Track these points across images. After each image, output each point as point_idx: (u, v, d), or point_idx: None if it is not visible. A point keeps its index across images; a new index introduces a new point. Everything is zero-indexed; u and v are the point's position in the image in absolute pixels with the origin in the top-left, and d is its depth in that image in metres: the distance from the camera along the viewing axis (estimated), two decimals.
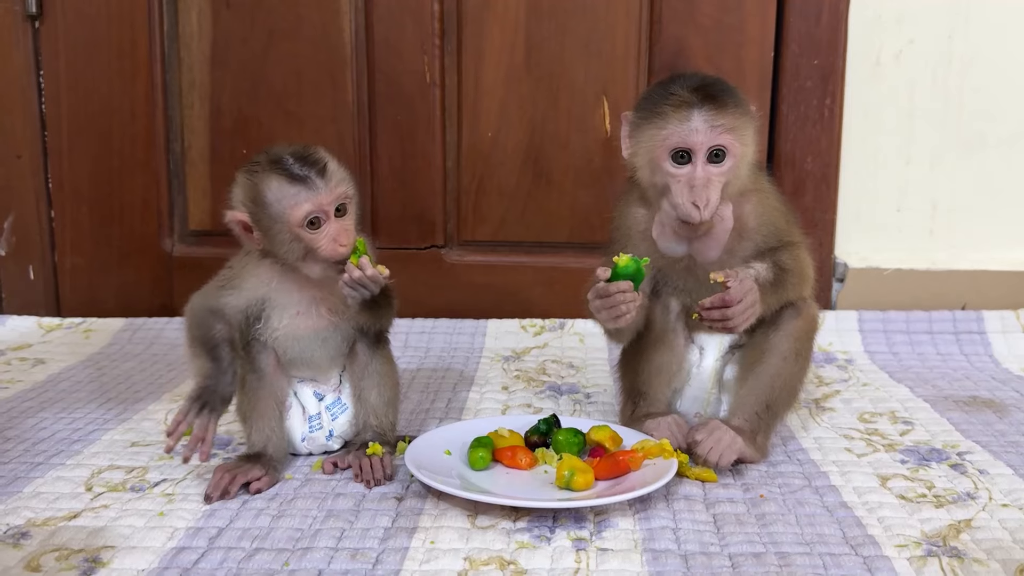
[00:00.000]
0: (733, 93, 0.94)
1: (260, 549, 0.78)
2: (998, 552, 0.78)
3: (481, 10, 1.50)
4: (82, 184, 1.59)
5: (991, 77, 1.52)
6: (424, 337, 1.50)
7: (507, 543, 0.79)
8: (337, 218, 0.91)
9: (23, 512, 0.85)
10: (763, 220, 0.98)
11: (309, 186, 0.89)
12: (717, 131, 0.90)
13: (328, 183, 0.90)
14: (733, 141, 0.91)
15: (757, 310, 0.93)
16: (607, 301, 0.91)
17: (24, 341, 1.50)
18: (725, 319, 0.91)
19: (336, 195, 0.90)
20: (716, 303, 0.91)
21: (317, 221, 0.90)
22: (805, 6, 1.47)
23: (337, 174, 0.91)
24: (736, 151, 0.92)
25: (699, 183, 0.91)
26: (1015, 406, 1.19)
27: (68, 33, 1.55)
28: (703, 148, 0.91)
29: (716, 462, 0.93)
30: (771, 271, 0.95)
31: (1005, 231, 1.56)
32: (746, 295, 0.91)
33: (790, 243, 0.99)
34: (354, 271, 0.89)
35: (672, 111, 0.91)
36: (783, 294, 0.96)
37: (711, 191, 0.91)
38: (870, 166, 1.55)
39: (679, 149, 0.91)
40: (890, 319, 1.50)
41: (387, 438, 0.98)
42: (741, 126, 0.92)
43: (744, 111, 0.93)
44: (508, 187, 1.56)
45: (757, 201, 0.98)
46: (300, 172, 0.89)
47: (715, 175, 0.91)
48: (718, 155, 0.91)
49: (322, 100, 1.54)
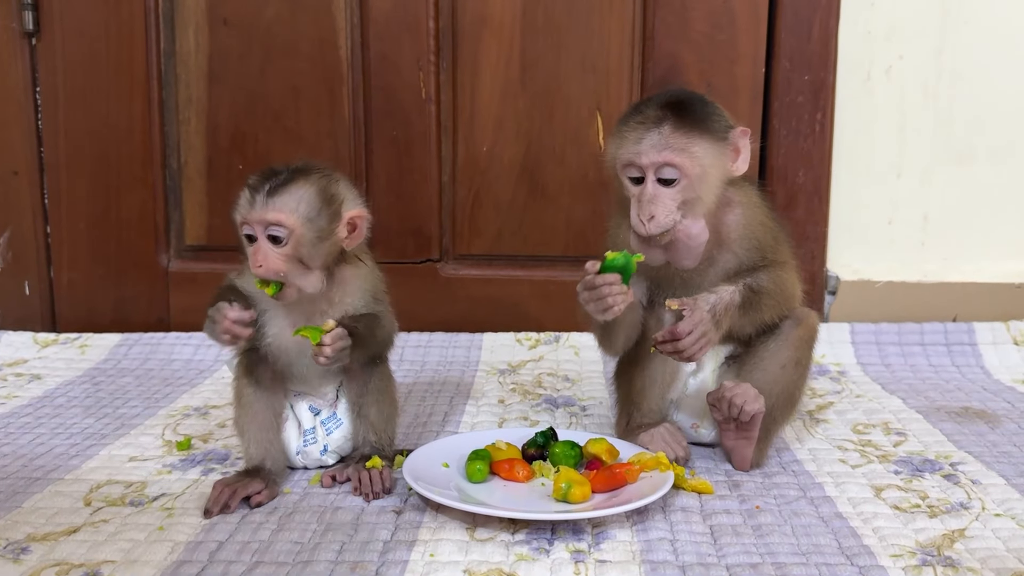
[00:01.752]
0: (698, 113, 0.93)
1: (260, 563, 0.79)
2: (992, 561, 0.79)
3: (477, 26, 1.52)
4: (79, 200, 1.60)
5: (980, 91, 1.54)
6: (420, 351, 1.51)
7: (506, 555, 0.80)
8: (272, 243, 0.89)
9: (22, 527, 0.85)
10: (746, 233, 0.98)
11: (250, 199, 0.89)
12: (666, 152, 0.91)
13: (266, 203, 0.88)
14: (684, 161, 0.91)
15: (712, 339, 0.94)
16: (594, 293, 0.92)
17: (20, 357, 1.50)
18: (677, 351, 0.93)
19: (268, 219, 0.88)
20: (667, 336, 0.93)
21: (250, 234, 0.90)
22: (796, 22, 1.49)
23: (287, 204, 0.88)
24: (689, 171, 0.92)
25: (645, 199, 0.92)
26: (1006, 416, 1.20)
27: (65, 50, 1.56)
28: (651, 168, 0.92)
29: (742, 406, 0.95)
30: (741, 294, 0.95)
31: (995, 243, 1.58)
32: (696, 326, 0.92)
33: (774, 262, 0.99)
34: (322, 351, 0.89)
35: (628, 131, 0.94)
36: (756, 315, 0.97)
37: (656, 207, 0.92)
38: (861, 179, 1.57)
39: (631, 171, 0.94)
40: (882, 331, 1.51)
41: (386, 453, 0.99)
42: (697, 141, 0.92)
43: (704, 127, 0.93)
44: (504, 201, 1.57)
45: (741, 213, 0.98)
46: (254, 183, 0.90)
47: (663, 195, 0.92)
48: (668, 175, 0.92)
49: (319, 116, 1.55)
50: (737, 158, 0.96)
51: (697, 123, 0.93)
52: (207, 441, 1.11)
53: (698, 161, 0.92)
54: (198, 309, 1.53)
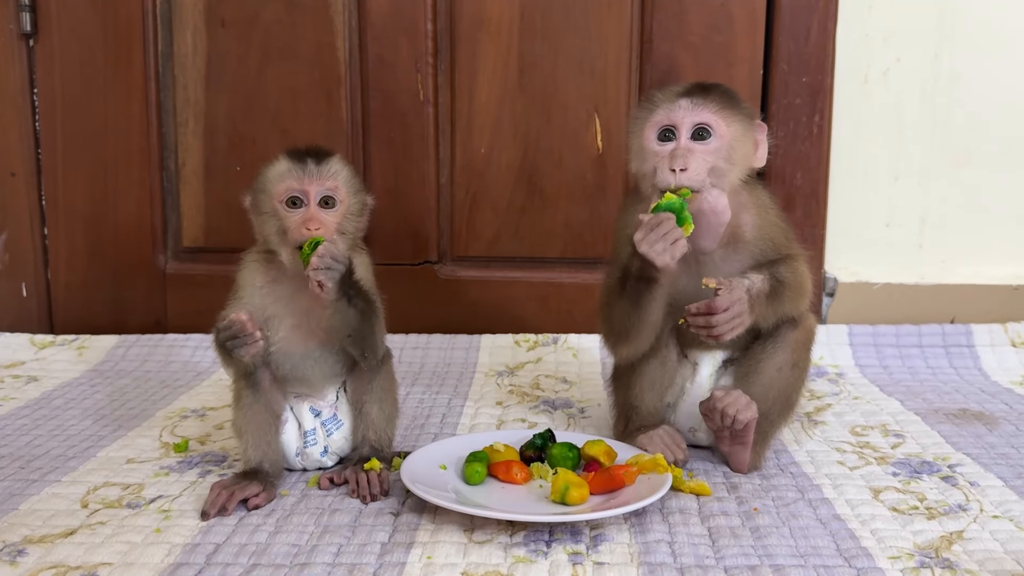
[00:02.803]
0: (726, 91, 0.96)
1: (257, 565, 0.79)
2: (990, 563, 0.79)
3: (474, 29, 1.52)
4: (76, 201, 1.60)
5: (977, 94, 1.54)
6: (418, 353, 1.51)
7: (504, 557, 0.80)
8: (321, 208, 0.92)
9: (19, 529, 0.85)
10: (761, 234, 0.99)
11: (301, 166, 0.92)
12: (700, 110, 0.93)
13: (320, 171, 0.92)
14: (719, 121, 0.93)
15: (745, 321, 0.93)
16: (660, 229, 0.88)
17: (17, 358, 1.50)
18: (710, 327, 0.91)
19: (324, 185, 0.92)
20: (702, 309, 0.91)
21: (297, 201, 0.92)
22: (794, 25, 1.49)
23: (338, 173, 0.93)
24: (722, 132, 0.93)
25: (679, 152, 0.92)
26: (1004, 418, 1.20)
27: (63, 51, 1.56)
28: (686, 123, 0.93)
29: (734, 416, 0.94)
30: (767, 282, 0.95)
31: (993, 246, 1.58)
32: (733, 304, 0.91)
33: (789, 256, 0.99)
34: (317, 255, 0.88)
35: (661, 97, 0.95)
36: (779, 307, 0.97)
37: (691, 159, 0.91)
38: (859, 182, 1.57)
39: (664, 127, 0.93)
40: (880, 333, 1.52)
41: (384, 454, 0.99)
42: (730, 113, 0.94)
43: (735, 104, 0.95)
44: (501, 203, 1.57)
45: (756, 214, 0.99)
46: (299, 154, 0.93)
47: (698, 150, 0.92)
48: (702, 133, 0.92)
49: (317, 118, 1.55)
50: (757, 149, 0.97)
51: (730, 99, 0.95)
52: (205, 443, 1.11)
53: (730, 127, 0.93)
54: (196, 311, 1.57)
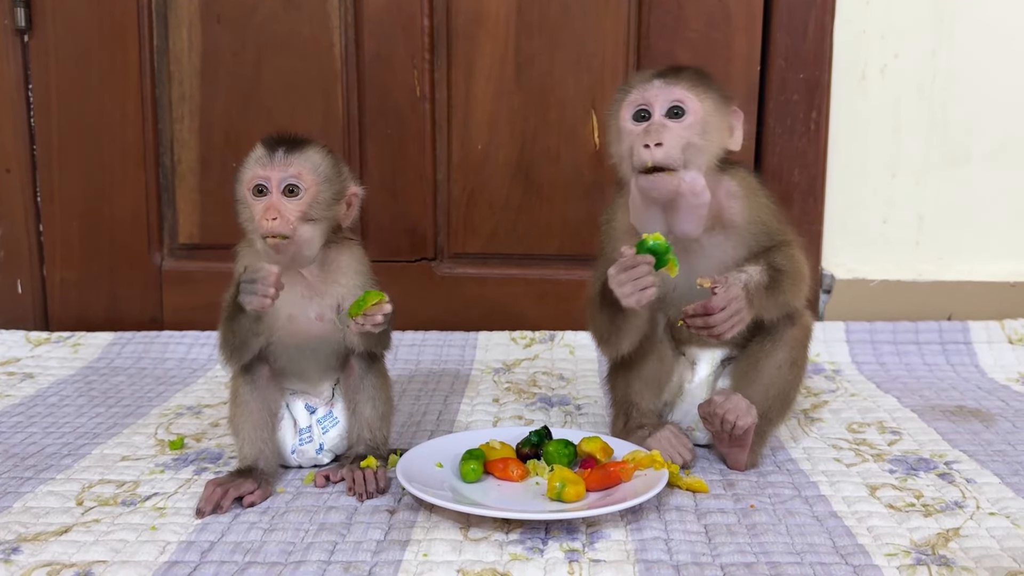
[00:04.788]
0: (701, 72, 0.96)
1: (253, 563, 0.78)
2: (986, 560, 0.78)
3: (471, 25, 1.52)
4: (71, 198, 1.59)
5: (975, 91, 1.54)
6: (415, 349, 1.51)
7: (500, 555, 0.80)
8: (285, 196, 0.91)
9: (13, 527, 0.85)
10: (751, 217, 0.97)
11: (268, 155, 0.92)
12: (673, 87, 0.93)
13: (286, 159, 0.91)
14: (691, 98, 0.92)
15: (744, 318, 0.92)
16: (633, 272, 0.89)
17: (12, 355, 1.50)
18: (708, 327, 0.90)
19: (287, 172, 0.91)
20: (699, 310, 0.90)
21: (263, 189, 0.91)
22: (791, 21, 1.49)
23: (309, 160, 0.92)
24: (695, 108, 0.92)
25: (654, 128, 0.91)
26: (1001, 415, 1.20)
27: (58, 47, 1.55)
28: (660, 101, 0.93)
29: (734, 422, 0.93)
30: (765, 274, 0.93)
31: (990, 243, 1.58)
32: (730, 303, 0.90)
33: (784, 242, 0.98)
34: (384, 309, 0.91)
35: (636, 79, 0.96)
36: (780, 297, 0.95)
37: (665, 134, 0.91)
38: (856, 178, 1.57)
39: (639, 106, 0.93)
40: (877, 330, 1.52)
41: (380, 452, 0.98)
42: (703, 90, 0.94)
43: (708, 83, 0.95)
44: (498, 200, 1.56)
45: (745, 197, 0.98)
46: (271, 142, 0.92)
47: (673, 126, 0.92)
48: (676, 111, 0.92)
49: (313, 114, 1.54)
50: (733, 133, 0.97)
51: (703, 78, 0.95)
52: (200, 440, 1.11)
53: (705, 106, 0.93)
54: (192, 308, 1.57)
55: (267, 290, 0.88)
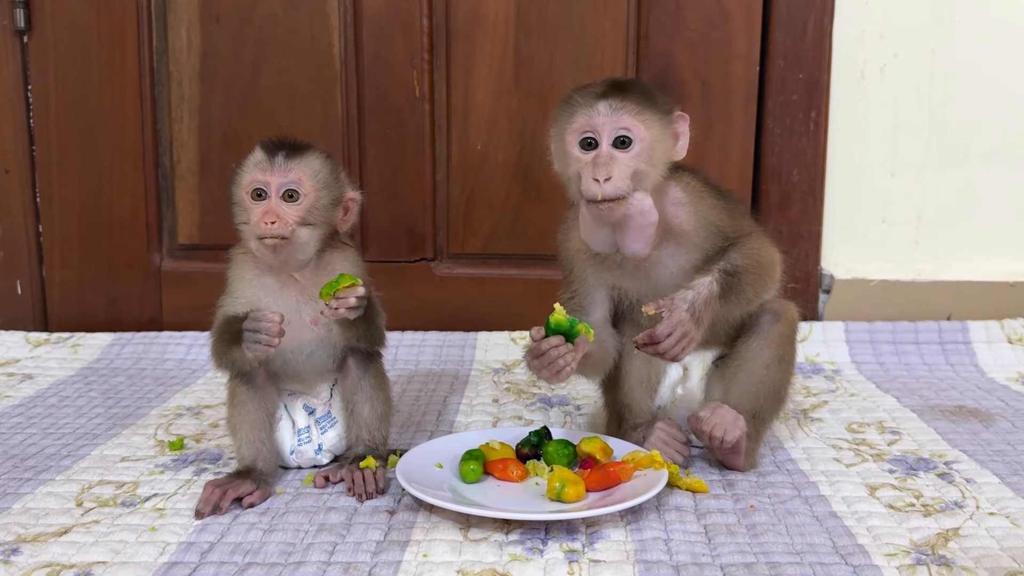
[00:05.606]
0: (643, 88, 0.95)
1: (252, 564, 0.78)
2: (986, 560, 0.78)
3: (470, 25, 1.52)
4: (71, 198, 1.59)
5: (973, 91, 1.54)
6: (414, 350, 1.51)
7: (500, 555, 0.80)
8: (284, 201, 0.91)
9: (13, 528, 0.85)
10: (701, 223, 0.97)
11: (268, 159, 0.92)
12: (620, 115, 0.92)
13: (286, 164, 0.91)
14: (638, 125, 0.92)
15: (693, 337, 0.91)
16: (543, 359, 0.91)
17: (12, 356, 1.50)
18: (659, 353, 0.91)
19: (287, 178, 0.91)
20: (645, 340, 0.91)
21: (262, 193, 0.91)
22: (790, 21, 1.49)
23: (309, 166, 0.93)
24: (642, 135, 0.92)
25: (602, 160, 0.91)
26: (1000, 415, 1.20)
27: (57, 48, 1.55)
28: (606, 130, 0.92)
29: (722, 437, 0.94)
30: (716, 283, 0.93)
31: (988, 242, 1.58)
32: (675, 327, 0.89)
33: (739, 237, 0.97)
34: (357, 292, 0.90)
35: (579, 99, 0.94)
36: (740, 297, 0.94)
37: (613, 168, 0.90)
38: (855, 178, 1.57)
39: (585, 134, 0.93)
40: (876, 330, 1.52)
41: (379, 452, 0.98)
42: (649, 115, 0.93)
43: (653, 104, 0.94)
44: (498, 200, 1.56)
45: (690, 204, 0.97)
46: (270, 146, 0.92)
47: (620, 158, 0.91)
48: (624, 141, 0.92)
49: (312, 114, 1.54)
50: (677, 141, 0.96)
51: (645, 96, 0.94)
52: (200, 441, 1.11)
53: (650, 130, 0.93)
54: (191, 308, 1.56)
55: (271, 340, 0.88)
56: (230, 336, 0.91)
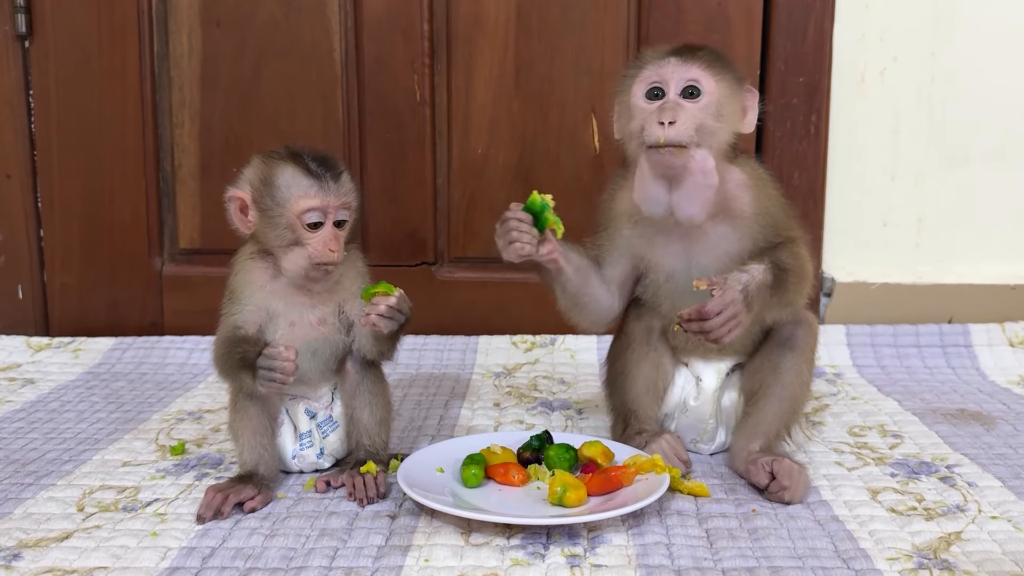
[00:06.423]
0: (717, 52, 0.95)
1: (254, 568, 0.78)
2: (988, 564, 0.78)
3: (471, 29, 1.52)
4: (72, 203, 1.59)
5: (974, 93, 1.54)
6: (415, 354, 1.50)
7: (501, 560, 0.79)
8: (335, 227, 0.92)
9: (14, 533, 0.85)
10: (760, 208, 0.95)
11: (322, 184, 0.91)
12: (690, 66, 0.91)
13: (339, 189, 0.93)
14: (708, 77, 0.91)
15: (742, 321, 0.88)
16: (501, 229, 0.93)
17: (13, 361, 1.50)
18: (704, 331, 0.87)
19: (342, 203, 0.93)
20: (693, 314, 0.87)
21: (317, 220, 0.91)
22: (790, 25, 1.49)
23: (347, 185, 0.94)
24: (711, 89, 0.91)
25: (668, 105, 0.90)
26: (1002, 418, 1.20)
27: (58, 52, 1.55)
28: (675, 80, 0.91)
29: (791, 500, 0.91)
30: (769, 272, 0.90)
31: (990, 245, 1.58)
32: (727, 306, 0.87)
33: (790, 239, 0.96)
34: (388, 300, 0.91)
35: (651, 55, 0.94)
36: (784, 296, 0.92)
37: (680, 112, 0.89)
38: (856, 181, 1.57)
39: (653, 83, 0.92)
40: (878, 333, 1.51)
41: (380, 457, 0.98)
42: (719, 71, 0.92)
43: (725, 64, 0.94)
44: (499, 204, 1.55)
45: (754, 188, 0.96)
46: (316, 169, 0.92)
47: (688, 106, 0.90)
48: (692, 91, 0.91)
49: (313, 118, 1.55)
50: (746, 115, 0.95)
51: (719, 58, 0.94)
52: (201, 446, 1.11)
53: (720, 87, 0.92)
54: (192, 312, 1.56)
55: (285, 379, 0.88)
56: (240, 360, 0.91)
